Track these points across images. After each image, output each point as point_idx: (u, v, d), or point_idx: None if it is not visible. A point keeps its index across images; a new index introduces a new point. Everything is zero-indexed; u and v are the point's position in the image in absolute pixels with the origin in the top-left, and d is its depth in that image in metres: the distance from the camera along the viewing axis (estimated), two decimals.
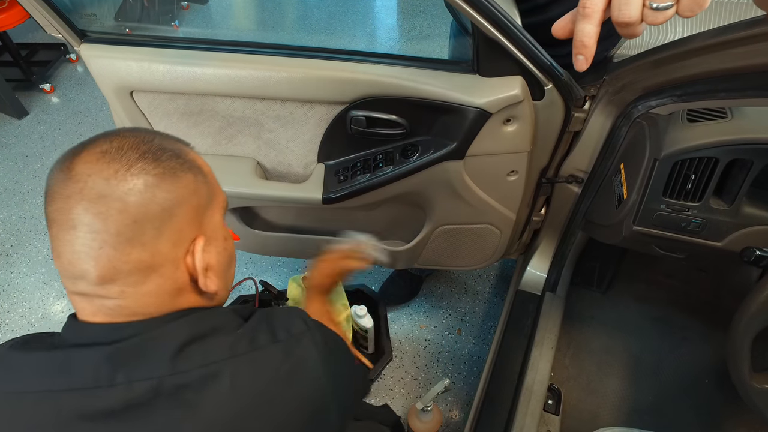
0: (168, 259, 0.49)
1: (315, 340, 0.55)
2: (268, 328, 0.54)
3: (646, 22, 0.37)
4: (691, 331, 1.37)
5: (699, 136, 0.84)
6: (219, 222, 0.57)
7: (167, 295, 0.51)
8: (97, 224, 0.45)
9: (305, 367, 0.53)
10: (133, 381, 0.45)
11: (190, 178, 0.51)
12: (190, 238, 0.51)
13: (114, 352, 0.46)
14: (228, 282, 0.61)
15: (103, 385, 0.45)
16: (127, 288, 0.48)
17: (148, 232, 0.47)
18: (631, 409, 1.24)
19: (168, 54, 0.90)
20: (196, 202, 0.52)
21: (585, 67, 0.40)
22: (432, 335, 1.63)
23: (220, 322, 0.53)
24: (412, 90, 0.86)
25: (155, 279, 0.49)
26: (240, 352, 0.50)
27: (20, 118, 2.52)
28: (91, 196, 0.45)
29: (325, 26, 3.21)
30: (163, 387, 0.46)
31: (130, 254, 0.47)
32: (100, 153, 0.47)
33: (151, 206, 0.47)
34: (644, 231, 0.97)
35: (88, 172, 0.46)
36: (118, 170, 0.46)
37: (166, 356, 0.47)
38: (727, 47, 0.65)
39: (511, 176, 1.00)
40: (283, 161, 1.04)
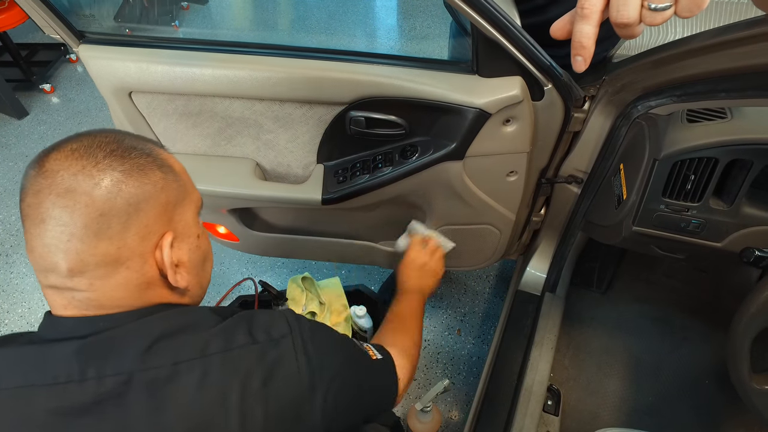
0: (135, 253, 0.50)
1: (295, 343, 0.54)
2: (247, 329, 0.53)
3: (645, 23, 0.37)
4: (691, 332, 1.37)
5: (699, 136, 0.83)
6: (192, 219, 0.57)
7: (136, 289, 0.51)
8: (64, 217, 0.47)
9: (282, 371, 0.52)
10: (103, 376, 0.46)
11: (159, 175, 0.52)
12: (158, 233, 0.52)
13: (85, 346, 0.47)
14: (202, 281, 0.61)
15: (75, 380, 0.46)
16: (96, 281, 0.49)
17: (115, 225, 0.48)
18: (631, 409, 1.24)
19: (166, 55, 0.89)
20: (164, 199, 0.52)
21: (583, 68, 0.40)
22: (431, 335, 1.63)
23: (193, 320, 0.53)
24: (411, 90, 0.86)
25: (123, 272, 0.50)
26: (211, 352, 0.50)
27: (20, 119, 2.52)
28: (59, 190, 0.47)
29: (325, 26, 3.21)
30: (133, 382, 0.46)
31: (97, 247, 0.48)
32: (69, 151, 0.49)
33: (117, 200, 0.48)
34: (644, 231, 0.97)
35: (57, 168, 0.48)
36: (85, 166, 0.48)
37: (137, 351, 0.47)
38: (727, 47, 0.65)
39: (510, 177, 1.00)
40: (282, 162, 1.04)
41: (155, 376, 0.47)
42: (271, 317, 0.56)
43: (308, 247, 1.24)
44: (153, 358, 0.48)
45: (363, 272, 1.82)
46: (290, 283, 1.38)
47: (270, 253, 1.31)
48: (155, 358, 0.48)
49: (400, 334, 0.84)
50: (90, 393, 0.45)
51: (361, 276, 1.81)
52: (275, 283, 1.79)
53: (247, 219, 1.19)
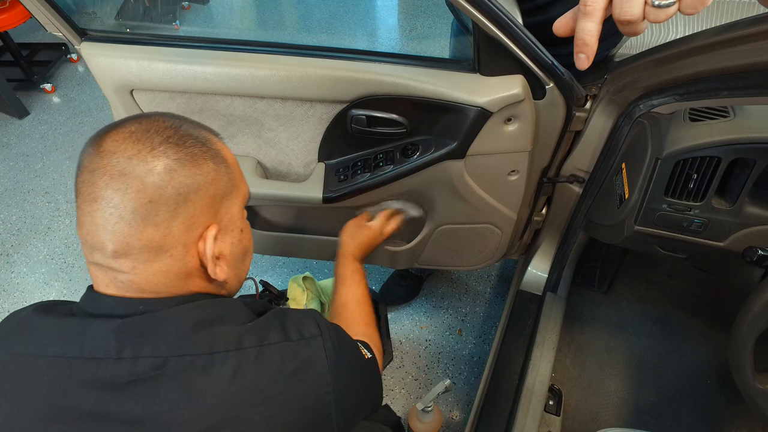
0: (179, 242, 0.51)
1: (326, 346, 0.55)
2: (281, 327, 0.54)
3: (648, 20, 0.36)
4: (693, 332, 1.37)
5: (701, 135, 0.83)
6: (237, 213, 0.58)
7: (176, 277, 0.52)
8: (116, 199, 0.47)
9: (311, 371, 0.53)
10: (138, 357, 0.47)
11: (211, 166, 0.52)
12: (203, 224, 0.52)
13: (123, 326, 0.48)
14: (241, 274, 0.62)
15: (111, 357, 0.47)
16: (139, 264, 0.50)
17: (162, 213, 0.49)
18: (632, 409, 1.24)
19: (168, 52, 0.89)
20: (213, 191, 0.53)
21: (586, 65, 0.40)
22: (433, 335, 1.63)
23: (228, 312, 0.53)
24: (412, 89, 0.86)
25: (165, 259, 0.51)
26: (247, 345, 0.50)
27: (21, 118, 2.52)
28: (114, 172, 0.48)
29: (326, 26, 3.21)
30: (168, 367, 0.47)
31: (143, 232, 0.48)
32: (128, 133, 0.49)
33: (167, 189, 0.49)
34: (646, 231, 0.97)
35: (114, 150, 0.48)
36: (140, 150, 0.48)
37: (174, 337, 0.48)
38: (730, 45, 0.65)
39: (512, 176, 0.99)
40: (283, 160, 1.04)
41: (190, 364, 0.47)
42: (301, 316, 0.57)
43: (309, 246, 1.24)
44: (189, 345, 0.48)
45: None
46: (291, 282, 1.38)
47: (271, 251, 1.31)
48: (191, 345, 0.48)
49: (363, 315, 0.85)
50: (124, 372, 0.46)
51: None
52: (276, 282, 1.79)
53: (248, 217, 1.19)
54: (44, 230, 1.99)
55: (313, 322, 0.57)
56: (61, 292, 1.79)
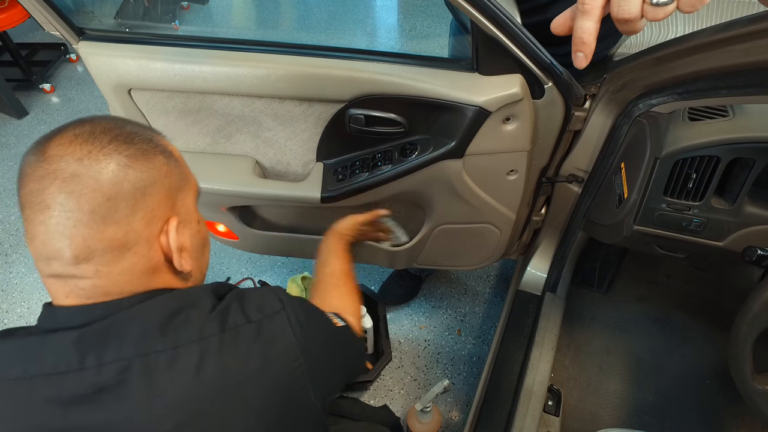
0: (142, 237, 0.50)
1: (290, 319, 0.55)
2: (240, 308, 0.54)
3: (647, 18, 0.36)
4: (692, 332, 1.37)
5: (700, 134, 0.83)
6: (192, 206, 0.58)
7: (142, 274, 0.51)
8: (71, 203, 0.46)
9: (279, 347, 0.53)
10: (102, 364, 0.46)
11: (162, 160, 0.52)
12: (163, 218, 0.52)
13: (83, 335, 0.47)
14: (203, 265, 0.62)
15: (74, 369, 0.46)
16: (102, 267, 0.49)
17: (122, 210, 0.48)
18: (631, 409, 1.24)
19: (166, 52, 0.89)
20: (168, 184, 0.53)
21: (584, 64, 0.40)
22: (432, 336, 1.63)
23: (190, 302, 0.53)
24: (411, 88, 0.86)
25: (130, 257, 0.50)
26: (209, 334, 0.50)
27: (20, 118, 2.51)
28: (65, 175, 0.46)
29: (325, 26, 3.21)
30: (132, 369, 0.46)
31: (104, 232, 0.48)
32: (72, 136, 0.48)
33: (124, 185, 0.48)
34: (645, 230, 0.96)
35: (62, 153, 0.47)
36: (90, 151, 0.48)
37: (136, 337, 0.47)
38: (729, 44, 0.64)
39: (510, 175, 0.99)
40: (281, 160, 1.04)
41: (155, 362, 0.47)
42: (262, 295, 0.57)
43: (308, 246, 1.24)
44: (153, 342, 0.48)
45: (363, 272, 1.82)
46: (290, 282, 1.38)
47: (269, 251, 1.31)
48: (155, 342, 0.48)
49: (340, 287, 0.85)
50: (89, 382, 0.45)
51: (361, 276, 1.81)
52: (275, 282, 1.79)
53: (247, 217, 1.18)
54: None
55: (275, 297, 0.57)
56: None
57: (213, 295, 0.55)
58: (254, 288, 0.60)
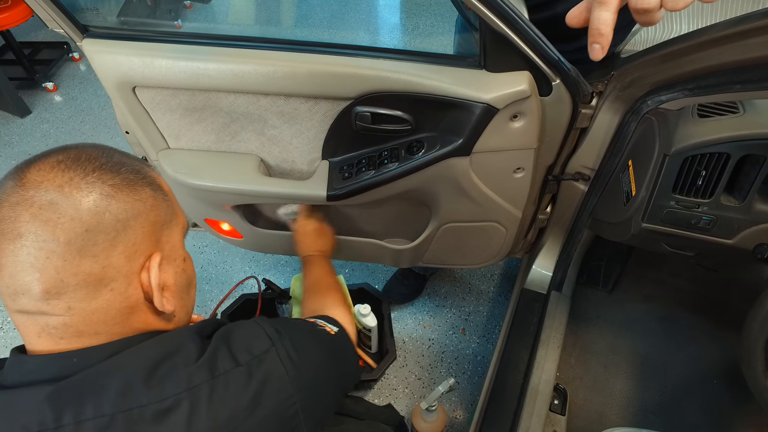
0: (120, 274, 0.47)
1: (281, 355, 0.52)
2: (228, 352, 0.50)
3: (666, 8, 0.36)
4: (698, 331, 1.36)
5: (710, 131, 0.82)
6: (178, 242, 0.55)
7: (118, 314, 0.48)
8: (45, 233, 0.43)
9: (270, 388, 0.50)
10: (81, 420, 0.42)
11: (148, 192, 0.50)
12: (145, 253, 0.49)
13: (58, 390, 0.43)
14: (188, 305, 0.59)
15: (49, 428, 0.42)
16: (75, 304, 0.45)
17: (101, 243, 0.45)
18: (637, 409, 1.23)
19: (171, 49, 0.89)
20: (153, 218, 0.50)
21: (601, 56, 0.39)
22: (436, 335, 1.62)
23: (175, 347, 0.49)
24: (417, 85, 0.85)
25: (105, 294, 0.46)
26: (197, 382, 0.47)
27: (23, 117, 2.52)
28: (42, 203, 0.43)
29: (328, 25, 3.20)
30: (115, 425, 0.43)
31: (80, 266, 0.44)
32: (55, 162, 0.45)
33: (105, 215, 0.45)
34: (653, 228, 0.96)
35: (40, 180, 0.44)
36: (72, 178, 0.45)
37: (117, 391, 0.44)
38: (743, 38, 0.63)
39: (517, 173, 0.98)
40: (287, 158, 1.03)
41: (139, 417, 0.44)
42: (248, 333, 0.54)
43: None
44: (136, 396, 0.44)
45: (367, 271, 1.81)
46: (294, 281, 1.37)
47: (274, 250, 1.31)
48: (138, 396, 0.44)
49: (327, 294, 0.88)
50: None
51: (365, 275, 1.80)
52: (279, 281, 1.77)
53: (251, 215, 1.18)
54: None
55: (262, 334, 0.54)
56: None
57: (198, 337, 0.52)
58: (241, 324, 0.57)
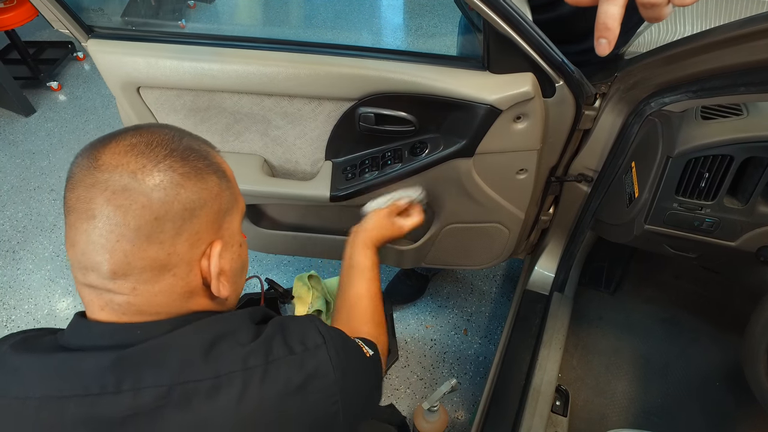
0: (183, 260, 0.49)
1: (330, 354, 0.53)
2: (283, 340, 0.52)
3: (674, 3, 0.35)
4: (701, 333, 1.36)
5: (714, 133, 0.82)
6: (237, 228, 0.56)
7: (178, 297, 0.50)
8: (117, 217, 0.45)
9: (318, 383, 0.51)
10: (140, 388, 0.44)
11: (215, 181, 0.51)
12: (207, 241, 0.51)
13: (121, 357, 0.45)
14: (239, 288, 0.60)
15: (110, 391, 0.44)
16: (140, 285, 0.47)
17: (168, 230, 0.47)
18: (639, 410, 1.23)
19: (175, 50, 0.89)
20: (217, 206, 0.51)
21: (608, 51, 0.39)
22: (438, 335, 1.62)
23: (231, 328, 0.51)
24: (421, 86, 0.85)
25: (168, 279, 0.48)
26: (253, 365, 0.48)
27: (27, 116, 2.53)
28: (116, 187, 0.45)
29: (331, 26, 3.20)
30: (172, 395, 0.45)
31: (147, 251, 0.46)
32: (128, 146, 0.47)
33: (174, 204, 0.47)
34: (656, 230, 0.96)
35: (116, 164, 0.45)
36: (145, 165, 0.46)
37: (176, 363, 0.46)
38: (750, 40, 0.63)
39: (520, 174, 0.98)
40: (290, 158, 1.03)
41: (194, 390, 0.45)
42: (303, 326, 0.56)
43: (315, 245, 1.23)
44: (193, 370, 0.46)
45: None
46: (296, 281, 1.37)
47: (277, 250, 1.31)
48: (195, 370, 0.46)
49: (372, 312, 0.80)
50: (125, 405, 0.44)
51: None
52: (281, 281, 1.78)
53: (254, 216, 1.18)
54: (50, 227, 2.00)
55: (316, 331, 0.55)
56: (67, 289, 1.79)
57: (251, 322, 0.54)
58: (293, 318, 0.58)
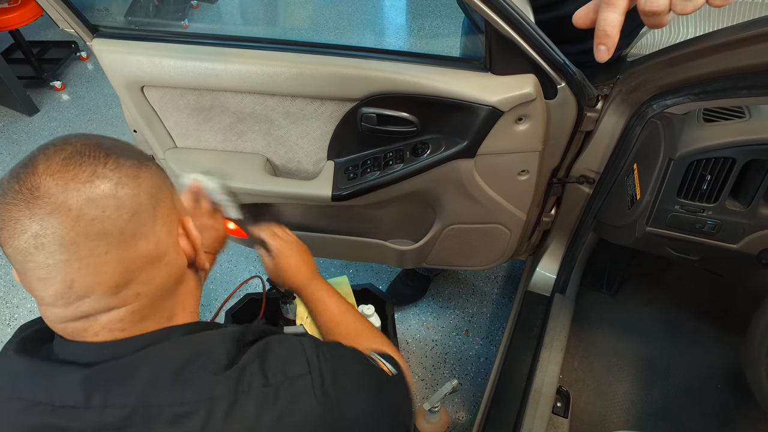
0: (168, 245, 0.49)
1: (314, 385, 0.48)
2: (260, 367, 0.48)
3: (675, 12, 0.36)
4: (702, 335, 1.36)
5: (716, 135, 0.82)
6: (183, 203, 0.57)
7: (172, 287, 0.50)
8: (96, 230, 0.42)
9: (295, 415, 0.47)
10: (107, 405, 0.44)
11: (155, 166, 0.51)
12: (175, 221, 0.51)
13: (93, 374, 0.44)
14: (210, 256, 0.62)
15: (80, 405, 0.44)
16: (141, 288, 0.47)
17: (146, 221, 0.46)
18: (641, 412, 1.23)
19: (179, 49, 0.89)
20: (167, 188, 0.52)
21: (606, 57, 0.39)
22: (439, 336, 1.62)
23: (204, 349, 0.48)
24: (423, 87, 0.86)
25: (162, 270, 0.48)
26: (218, 394, 0.45)
27: (31, 115, 2.54)
28: (78, 203, 0.41)
29: (334, 27, 3.21)
30: (135, 418, 0.43)
31: (137, 250, 0.45)
32: (62, 162, 0.42)
33: (141, 195, 0.46)
34: (658, 232, 0.96)
35: (62, 183, 0.41)
36: (95, 170, 0.43)
37: (143, 384, 0.44)
38: (751, 43, 0.64)
39: (522, 176, 0.99)
40: (292, 158, 1.04)
41: (158, 415, 0.44)
42: (288, 351, 0.51)
43: (317, 244, 1.24)
44: (159, 393, 0.44)
45: (371, 271, 1.82)
46: None
47: None
48: (160, 394, 0.44)
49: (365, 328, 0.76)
50: (91, 422, 0.43)
51: (369, 275, 1.80)
52: None
53: (256, 215, 1.18)
54: None
55: (302, 356, 0.50)
56: None
57: (234, 343, 0.50)
58: (285, 339, 0.53)
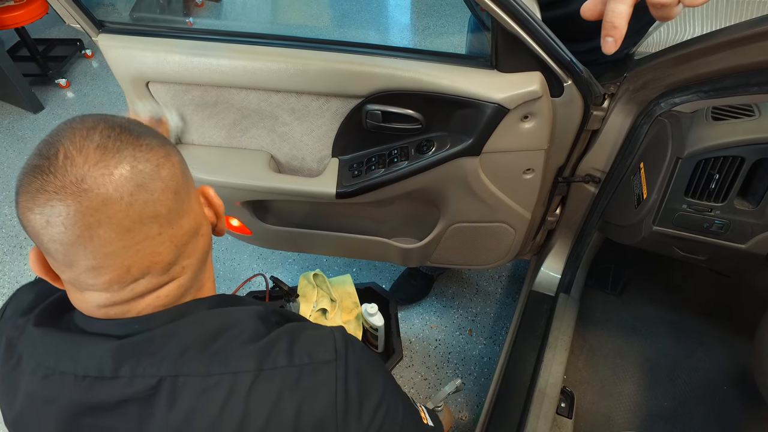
0: (202, 216, 0.51)
1: (338, 373, 0.48)
2: (288, 348, 0.48)
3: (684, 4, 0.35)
4: (708, 336, 1.35)
5: (724, 134, 0.81)
6: None
7: (204, 255, 0.51)
8: (147, 214, 0.43)
9: (314, 401, 0.47)
10: (135, 376, 0.45)
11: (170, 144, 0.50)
12: (198, 192, 0.53)
13: (124, 345, 0.45)
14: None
15: (107, 375, 0.45)
16: (186, 261, 0.48)
17: (185, 198, 0.47)
18: (645, 413, 1.22)
19: (184, 45, 0.89)
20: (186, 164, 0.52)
21: (614, 49, 0.39)
22: (443, 335, 1.62)
23: (231, 322, 0.49)
24: (429, 84, 0.85)
25: (200, 241, 0.50)
26: (243, 369, 0.46)
27: (36, 113, 2.55)
28: (129, 189, 0.41)
29: (339, 24, 3.21)
30: (162, 387, 0.45)
31: (183, 226, 0.47)
32: (96, 150, 0.41)
33: (177, 173, 0.46)
34: (664, 232, 0.95)
35: (107, 172, 0.40)
36: (134, 155, 0.42)
37: (171, 355, 0.45)
38: (761, 39, 0.63)
39: (527, 174, 0.98)
40: (297, 155, 1.04)
41: (184, 385, 0.45)
42: (319, 337, 0.51)
43: (321, 242, 1.23)
44: (186, 365, 0.45)
45: (375, 270, 1.81)
46: (301, 279, 1.37)
47: (282, 247, 1.31)
48: (189, 365, 0.45)
49: None
50: (117, 391, 0.45)
51: (372, 274, 1.80)
52: (286, 279, 1.79)
53: (260, 212, 1.18)
54: None
55: (331, 344, 0.50)
56: None
57: (258, 320, 0.50)
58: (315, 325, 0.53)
